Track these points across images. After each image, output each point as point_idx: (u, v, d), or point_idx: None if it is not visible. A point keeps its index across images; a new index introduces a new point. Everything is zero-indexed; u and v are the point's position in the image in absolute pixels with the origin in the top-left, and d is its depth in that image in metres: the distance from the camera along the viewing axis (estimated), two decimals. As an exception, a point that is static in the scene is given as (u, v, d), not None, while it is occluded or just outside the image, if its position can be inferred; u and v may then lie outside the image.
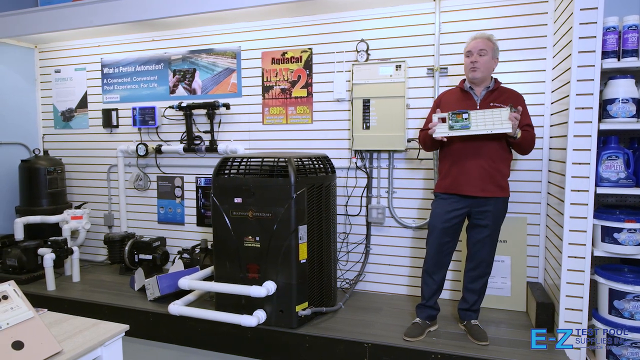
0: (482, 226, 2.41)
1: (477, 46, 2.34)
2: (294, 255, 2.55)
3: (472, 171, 2.34)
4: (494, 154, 2.33)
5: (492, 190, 2.34)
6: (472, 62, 2.35)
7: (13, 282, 1.38)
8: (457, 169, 2.38)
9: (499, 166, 2.35)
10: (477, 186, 2.34)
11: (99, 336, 1.45)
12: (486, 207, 2.37)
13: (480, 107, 2.36)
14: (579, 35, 2.19)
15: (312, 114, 3.32)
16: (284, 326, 2.59)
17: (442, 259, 2.49)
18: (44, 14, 3.52)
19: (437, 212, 2.46)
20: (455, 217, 2.42)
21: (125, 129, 3.91)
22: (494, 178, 2.34)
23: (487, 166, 2.33)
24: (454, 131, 2.27)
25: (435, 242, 2.46)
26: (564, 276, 2.30)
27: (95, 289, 3.33)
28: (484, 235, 2.41)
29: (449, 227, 2.44)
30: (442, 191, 2.46)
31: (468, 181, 2.35)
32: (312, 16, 3.23)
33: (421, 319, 2.53)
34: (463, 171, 2.36)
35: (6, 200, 3.99)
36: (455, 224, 2.44)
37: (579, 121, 2.23)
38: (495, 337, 2.45)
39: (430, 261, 2.49)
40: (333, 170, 2.90)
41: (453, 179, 2.39)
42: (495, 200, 2.36)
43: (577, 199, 2.26)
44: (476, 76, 2.35)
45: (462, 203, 2.40)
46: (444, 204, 2.44)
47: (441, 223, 2.43)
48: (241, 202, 2.63)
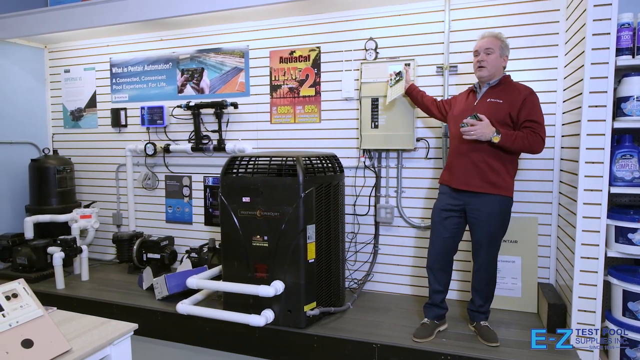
0: (476, 225, 2.37)
1: (483, 45, 2.35)
2: (302, 254, 2.53)
3: (460, 164, 2.38)
4: (488, 149, 2.28)
5: (477, 185, 2.30)
6: (478, 61, 2.36)
7: (23, 280, 1.38)
8: (450, 161, 2.47)
9: (491, 162, 2.28)
10: (461, 179, 2.37)
11: (107, 335, 1.45)
12: (478, 205, 2.33)
13: (479, 103, 2.37)
14: (592, 32, 2.16)
15: (320, 113, 3.30)
16: (292, 326, 2.57)
17: (442, 256, 2.48)
18: (53, 13, 3.54)
19: (435, 205, 2.54)
20: (449, 211, 2.43)
21: (134, 129, 3.93)
22: (482, 173, 2.29)
23: (476, 160, 2.30)
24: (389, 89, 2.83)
25: (434, 235, 2.50)
26: (577, 277, 2.26)
27: (104, 288, 3.35)
28: (480, 237, 2.36)
29: (445, 220, 2.45)
30: (440, 182, 2.55)
31: (454, 174, 2.41)
32: (321, 14, 3.22)
33: (429, 319, 2.51)
34: (454, 164, 2.42)
35: (16, 199, 4.02)
36: (450, 217, 2.43)
37: (593, 119, 2.19)
38: (506, 339, 2.42)
39: (430, 256, 2.52)
40: (341, 169, 2.89)
41: (447, 171, 2.49)
42: (487, 198, 2.30)
43: (590, 199, 2.22)
44: (483, 75, 2.36)
45: (455, 197, 2.41)
46: (441, 197, 2.52)
47: (437, 215, 2.49)
48: (249, 202, 2.62)
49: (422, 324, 2.51)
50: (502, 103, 2.30)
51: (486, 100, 2.35)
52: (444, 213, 2.46)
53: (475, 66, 2.38)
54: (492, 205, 2.32)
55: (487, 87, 2.39)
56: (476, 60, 2.37)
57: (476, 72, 2.40)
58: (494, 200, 2.31)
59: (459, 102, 2.54)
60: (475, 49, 2.39)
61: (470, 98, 2.47)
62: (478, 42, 2.40)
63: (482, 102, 2.36)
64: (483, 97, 2.38)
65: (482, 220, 2.33)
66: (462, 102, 2.50)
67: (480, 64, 2.35)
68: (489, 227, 2.33)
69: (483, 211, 2.32)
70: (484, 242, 2.36)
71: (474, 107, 2.36)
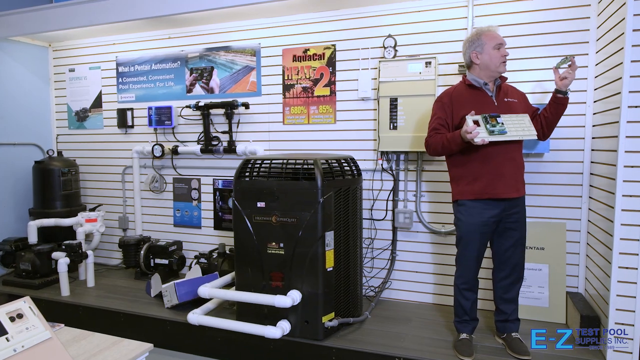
0: (513, 229, 2.28)
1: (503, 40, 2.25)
2: (320, 262, 2.41)
3: (507, 172, 2.22)
4: (518, 153, 2.29)
5: (522, 188, 2.30)
6: (504, 55, 2.23)
7: (29, 298, 1.25)
8: (490, 170, 2.21)
9: (522, 162, 2.32)
10: (513, 186, 2.23)
11: (121, 357, 1.33)
12: (517, 207, 2.27)
13: (499, 103, 2.28)
14: (632, 28, 2.03)
15: (336, 113, 3.17)
16: (309, 338, 2.45)
17: (478, 272, 2.35)
18: (58, 10, 3.42)
19: (472, 221, 2.26)
20: (492, 224, 2.26)
21: (141, 129, 3.80)
22: (522, 175, 2.30)
23: (517, 164, 2.27)
24: (494, 136, 2.11)
25: (474, 254, 2.29)
26: (614, 288, 2.13)
27: (111, 295, 3.22)
28: (516, 238, 2.30)
29: (486, 235, 2.28)
30: (472, 197, 2.26)
31: (505, 182, 2.21)
32: (336, 11, 3.09)
33: (468, 333, 2.37)
34: (499, 173, 2.21)
35: (20, 202, 3.90)
36: (491, 231, 2.29)
37: (632, 121, 2.06)
38: (536, 352, 2.29)
39: (468, 276, 2.33)
40: (359, 172, 2.76)
41: (487, 182, 2.22)
42: (522, 199, 2.31)
43: (630, 205, 2.09)
44: (504, 71, 2.27)
45: (496, 208, 2.23)
46: (477, 211, 2.25)
47: (479, 233, 2.26)
48: (264, 207, 2.49)
49: (460, 339, 2.35)
50: (517, 102, 2.31)
51: (504, 100, 2.28)
52: (485, 228, 2.25)
53: (499, 61, 2.21)
54: (523, 205, 2.32)
55: (495, 87, 2.29)
56: (501, 55, 2.21)
57: (499, 67, 2.22)
58: (524, 199, 2.33)
59: (467, 102, 2.24)
60: (500, 41, 2.22)
61: (480, 97, 2.26)
62: (495, 33, 2.23)
63: (501, 103, 2.28)
64: (498, 97, 2.28)
65: (519, 223, 2.29)
66: (473, 101, 2.25)
67: (505, 58, 2.23)
68: (523, 227, 2.32)
69: (521, 213, 2.30)
70: (519, 243, 2.32)
71: (495, 107, 2.25)
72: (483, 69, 2.25)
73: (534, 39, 2.69)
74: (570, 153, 2.67)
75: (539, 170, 2.74)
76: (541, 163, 2.73)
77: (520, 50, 2.69)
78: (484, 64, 2.24)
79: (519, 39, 2.69)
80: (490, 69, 2.24)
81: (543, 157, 2.72)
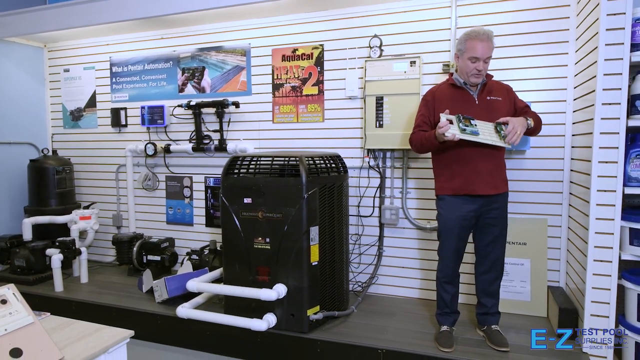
0: (493, 225, 2.33)
1: (485, 53, 2.19)
2: (305, 257, 2.46)
3: (484, 170, 2.27)
4: (499, 153, 2.34)
5: (501, 186, 2.34)
6: (478, 69, 2.22)
7: (13, 285, 1.31)
8: (468, 168, 2.27)
9: (502, 162, 2.37)
10: (489, 184, 2.28)
11: (102, 342, 1.38)
12: (496, 204, 2.32)
13: (480, 102, 2.31)
14: (606, 27, 2.09)
15: (324, 112, 3.23)
16: (295, 330, 2.50)
17: (459, 265, 2.40)
18: (52, 11, 3.48)
19: (450, 216, 2.33)
20: (470, 219, 2.32)
21: (134, 128, 3.87)
22: (501, 174, 2.35)
23: (495, 164, 2.32)
24: (465, 135, 2.16)
25: (453, 247, 2.35)
26: (590, 281, 2.19)
27: (104, 291, 3.28)
28: (496, 234, 2.35)
29: (465, 229, 2.34)
30: (450, 193, 2.33)
31: (482, 180, 2.27)
32: (324, 11, 3.15)
33: (448, 326, 2.42)
34: (475, 171, 2.26)
35: (15, 200, 3.96)
36: (470, 225, 2.35)
37: (606, 117, 2.12)
38: (516, 344, 2.34)
39: (448, 269, 2.38)
40: (345, 169, 2.81)
41: (464, 179, 2.28)
42: (502, 195, 2.35)
43: (604, 200, 2.14)
44: (477, 82, 2.28)
45: (474, 204, 2.29)
46: (456, 206, 2.31)
47: (457, 227, 2.32)
48: (251, 203, 2.55)
49: (442, 332, 2.40)
50: (501, 100, 2.33)
51: (486, 98, 2.32)
52: (464, 222, 2.31)
53: (471, 72, 2.22)
54: (505, 201, 2.37)
55: (480, 85, 2.31)
56: (474, 67, 2.20)
57: (471, 78, 2.25)
58: (505, 196, 2.38)
59: (448, 100, 2.30)
60: (476, 55, 2.17)
61: (462, 95, 2.31)
62: (477, 46, 2.17)
63: (482, 101, 2.31)
64: (480, 96, 2.31)
65: (499, 219, 2.34)
66: (454, 99, 2.30)
67: (479, 72, 2.22)
68: (503, 224, 2.37)
69: (501, 210, 2.34)
70: (500, 239, 2.37)
71: (476, 106, 2.29)
72: (460, 71, 2.32)
73: (515, 38, 2.74)
74: (552, 150, 2.73)
75: (521, 167, 2.79)
76: (523, 160, 2.79)
77: (502, 50, 2.74)
78: (460, 68, 2.31)
79: (502, 39, 2.74)
80: (463, 75, 2.30)
81: (525, 154, 2.78)
